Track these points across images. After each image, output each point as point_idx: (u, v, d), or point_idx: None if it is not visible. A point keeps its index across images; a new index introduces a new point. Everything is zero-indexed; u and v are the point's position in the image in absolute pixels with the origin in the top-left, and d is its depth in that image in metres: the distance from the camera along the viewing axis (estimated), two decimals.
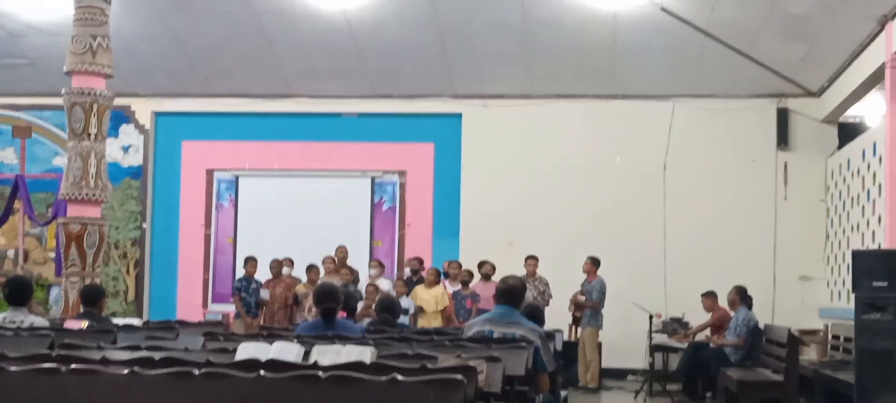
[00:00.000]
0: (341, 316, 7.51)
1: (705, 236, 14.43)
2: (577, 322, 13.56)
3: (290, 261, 13.80)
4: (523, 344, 6.10)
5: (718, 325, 12.42)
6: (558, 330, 11.50)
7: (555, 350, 8.08)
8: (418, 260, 13.95)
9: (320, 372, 4.28)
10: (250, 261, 13.75)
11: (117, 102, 11.76)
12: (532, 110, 15.00)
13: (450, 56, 14.28)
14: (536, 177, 14.94)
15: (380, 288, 12.74)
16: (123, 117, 15.62)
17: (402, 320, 10.27)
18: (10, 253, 15.86)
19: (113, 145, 14.84)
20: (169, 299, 15.69)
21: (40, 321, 7.62)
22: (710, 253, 14.24)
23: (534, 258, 13.35)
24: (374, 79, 14.99)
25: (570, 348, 13.14)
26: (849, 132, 13.93)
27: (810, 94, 14.37)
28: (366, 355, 4.97)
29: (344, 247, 13.86)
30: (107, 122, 11.04)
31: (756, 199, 14.54)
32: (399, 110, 15.41)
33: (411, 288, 13.02)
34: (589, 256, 13.30)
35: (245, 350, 5.29)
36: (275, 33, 13.95)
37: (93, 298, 8.48)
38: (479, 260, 13.51)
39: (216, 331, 7.13)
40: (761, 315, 12.50)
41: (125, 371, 4.39)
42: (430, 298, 12.75)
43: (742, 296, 12.00)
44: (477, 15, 13.33)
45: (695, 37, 13.07)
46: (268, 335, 6.82)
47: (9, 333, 6.60)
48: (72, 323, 7.76)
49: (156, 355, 4.77)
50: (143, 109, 15.89)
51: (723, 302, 12.45)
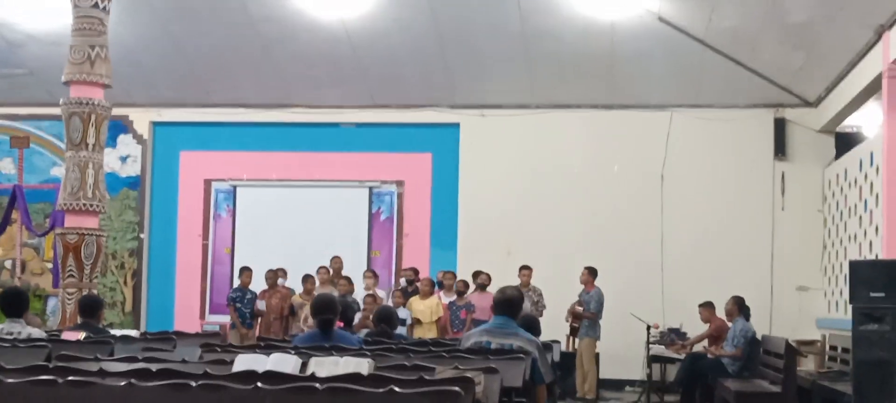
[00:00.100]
0: (338, 325, 7.50)
1: (703, 246, 14.43)
2: (574, 332, 13.54)
3: (284, 272, 13.78)
4: (521, 355, 6.10)
5: (716, 336, 12.41)
6: (556, 341, 11.51)
7: (552, 361, 8.07)
8: (413, 270, 13.93)
9: (318, 384, 4.27)
10: (245, 272, 13.72)
11: (115, 112, 11.78)
12: (530, 120, 15.01)
13: (448, 66, 14.30)
14: (534, 186, 14.95)
15: (378, 298, 12.74)
16: (121, 127, 15.63)
17: (399, 331, 10.26)
18: (7, 264, 15.84)
19: (111, 155, 14.85)
20: (166, 309, 15.68)
21: (37, 332, 7.59)
22: (708, 263, 14.24)
23: (528, 268, 13.35)
24: (373, 88, 15.00)
25: (568, 359, 13.13)
26: (846, 142, 13.93)
27: (808, 104, 14.39)
28: (363, 366, 4.96)
29: (339, 258, 13.85)
30: (105, 132, 11.06)
31: (753, 209, 14.54)
32: (397, 120, 15.43)
33: (407, 299, 13.01)
34: (586, 266, 13.29)
35: (242, 362, 5.28)
36: (273, 43, 13.96)
37: (91, 309, 8.46)
38: (474, 271, 13.51)
39: (213, 342, 7.12)
40: (759, 325, 12.50)
41: (122, 383, 4.37)
42: (426, 309, 12.74)
43: (739, 307, 12.00)
44: (475, 24, 13.35)
45: (693, 46, 13.09)
46: (265, 346, 6.82)
47: (6, 344, 6.58)
48: (69, 334, 7.74)
49: (153, 366, 4.76)
50: (141, 119, 15.90)
51: (720, 312, 12.44)
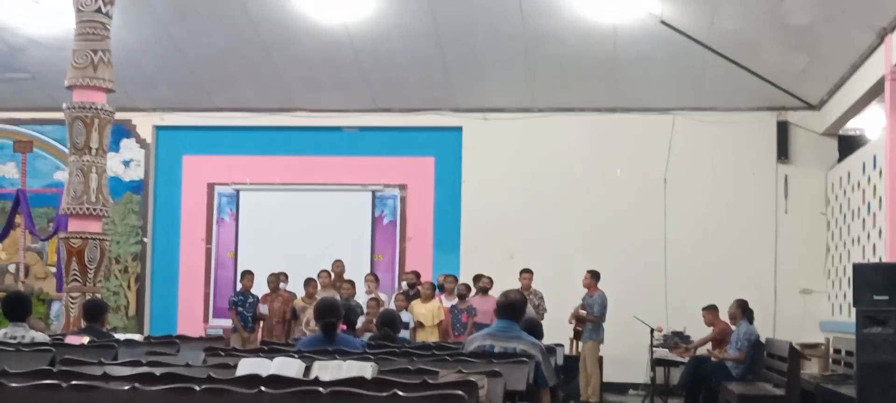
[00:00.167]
0: (341, 329, 7.50)
1: (706, 249, 14.42)
2: (578, 336, 13.54)
3: (285, 276, 13.75)
4: (524, 359, 6.09)
5: (720, 339, 12.41)
6: (559, 345, 11.49)
7: (556, 364, 8.07)
8: (415, 273, 13.93)
9: (321, 388, 4.27)
10: (247, 275, 13.72)
11: (118, 116, 11.77)
12: (532, 123, 15.02)
13: (451, 69, 14.30)
14: (537, 190, 14.95)
15: (381, 301, 12.74)
16: (124, 131, 15.64)
17: (402, 334, 10.26)
18: (11, 268, 15.86)
19: (114, 159, 14.84)
20: (170, 314, 15.69)
21: (41, 336, 7.60)
22: (711, 267, 14.23)
23: (528, 271, 13.34)
24: (375, 92, 15.00)
25: (571, 362, 13.11)
26: (849, 145, 13.92)
27: (810, 107, 14.38)
28: (367, 370, 4.96)
29: (341, 262, 13.85)
30: (108, 137, 11.04)
31: (756, 212, 14.53)
32: (400, 124, 15.44)
33: (409, 302, 13.01)
34: (589, 270, 13.29)
35: (246, 366, 5.28)
36: (276, 47, 13.97)
37: (95, 313, 8.47)
38: (475, 274, 13.51)
39: (217, 346, 7.12)
40: (762, 328, 12.49)
41: (126, 387, 4.38)
42: (427, 312, 12.74)
43: (743, 310, 12.00)
44: (477, 28, 13.35)
45: (695, 49, 13.08)
46: (268, 350, 6.82)
47: (10, 349, 6.59)
48: (73, 339, 7.75)
49: (157, 370, 4.76)
50: (144, 123, 15.92)
51: (724, 315, 12.44)
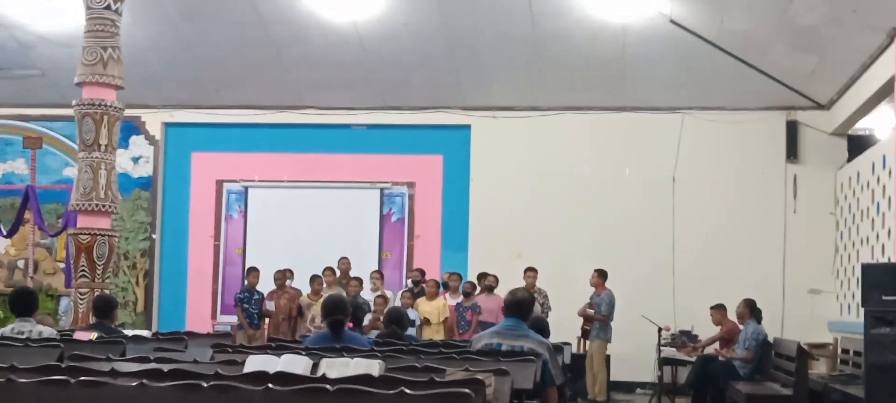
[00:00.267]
0: (348, 326, 7.51)
1: (714, 249, 14.40)
2: (585, 334, 13.52)
3: (291, 273, 13.73)
4: (532, 358, 6.09)
5: (727, 338, 12.38)
6: (567, 343, 11.48)
7: (563, 363, 8.06)
8: (420, 271, 13.94)
9: (328, 385, 4.28)
10: (252, 272, 13.71)
11: (127, 113, 11.80)
12: (541, 122, 15.01)
13: (459, 68, 14.30)
14: (545, 188, 14.94)
15: (388, 299, 12.75)
16: (134, 128, 15.68)
17: (409, 332, 10.27)
18: (20, 264, 15.92)
19: (123, 156, 14.90)
20: (178, 310, 15.72)
21: (48, 331, 7.63)
22: (719, 266, 14.21)
23: (533, 270, 13.32)
24: (384, 90, 15.01)
25: (579, 361, 13.11)
26: (858, 145, 13.89)
27: (820, 107, 14.35)
28: (374, 368, 4.97)
29: (347, 259, 13.83)
30: (117, 134, 11.08)
31: (765, 212, 14.50)
32: (408, 122, 15.44)
33: (415, 300, 13.01)
34: (596, 269, 13.27)
35: (253, 363, 5.29)
36: (285, 45, 13.98)
37: (105, 309, 8.50)
38: (480, 273, 13.51)
39: (225, 343, 7.14)
40: (770, 328, 12.46)
41: (134, 384, 4.39)
42: (433, 310, 12.77)
43: (751, 309, 11.97)
44: (486, 27, 13.35)
45: (704, 49, 13.06)
46: (276, 347, 6.83)
47: (18, 344, 6.61)
48: (81, 334, 7.77)
49: (165, 367, 4.77)
50: (153, 120, 15.95)
51: (732, 315, 12.41)
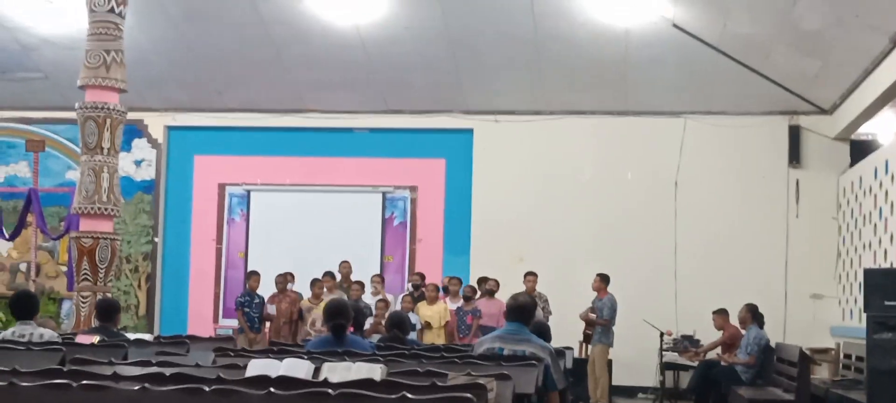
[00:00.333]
0: (349, 330, 7.51)
1: (716, 253, 14.39)
2: (587, 339, 13.52)
3: (292, 276, 13.71)
4: (533, 362, 6.09)
5: (729, 343, 12.38)
6: (568, 348, 11.47)
7: (565, 367, 8.06)
8: (420, 275, 13.94)
9: (330, 390, 4.28)
10: (253, 276, 13.68)
11: (130, 117, 11.79)
12: (543, 126, 15.01)
13: (461, 71, 14.31)
14: (547, 192, 14.94)
15: (389, 303, 12.74)
16: (136, 131, 15.69)
17: (410, 336, 10.27)
18: (22, 267, 15.93)
19: (125, 159, 14.89)
20: (180, 313, 15.73)
21: (50, 333, 7.63)
22: (721, 271, 14.20)
23: (533, 274, 13.28)
24: (386, 94, 15.02)
25: (581, 365, 13.09)
26: (861, 150, 13.88)
27: (822, 112, 14.34)
28: (376, 372, 4.98)
29: (348, 263, 13.80)
30: (120, 137, 11.07)
31: (767, 216, 14.49)
32: (410, 125, 15.44)
33: (415, 304, 13.00)
34: (598, 273, 13.25)
35: (255, 367, 5.29)
36: (287, 48, 14.00)
37: (108, 313, 8.50)
38: (480, 277, 13.51)
39: (227, 347, 7.15)
40: (772, 333, 12.46)
41: (136, 387, 4.40)
42: (434, 314, 12.74)
43: (753, 314, 11.97)
44: (489, 30, 13.35)
45: (707, 53, 13.06)
46: (278, 351, 6.83)
47: (20, 348, 6.62)
48: (83, 338, 7.77)
49: (166, 371, 4.79)
50: (155, 123, 15.96)
51: (734, 319, 12.41)
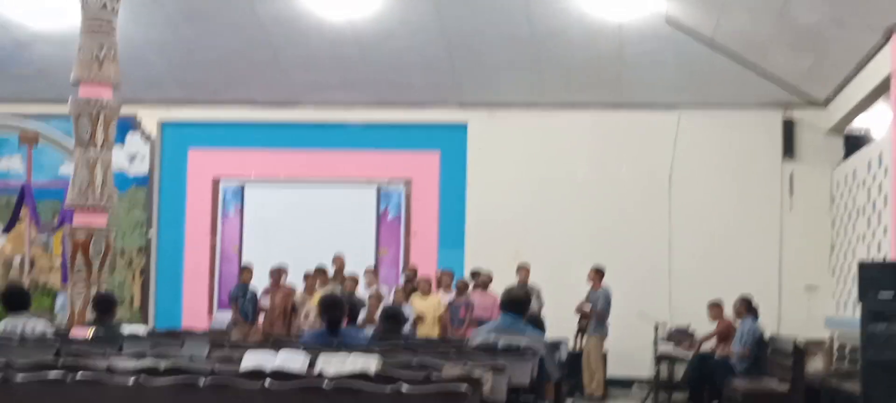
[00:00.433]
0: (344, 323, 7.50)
1: (711, 246, 14.40)
2: (582, 331, 13.53)
3: (286, 270, 13.71)
4: (528, 354, 6.09)
5: (724, 335, 12.39)
6: (563, 340, 11.48)
7: (560, 359, 8.07)
8: (412, 269, 13.94)
9: (325, 382, 4.29)
10: (245, 270, 13.78)
11: (124, 111, 11.76)
12: (538, 119, 15.00)
13: (456, 65, 14.29)
14: (542, 186, 14.93)
15: (382, 296, 12.74)
16: (130, 125, 15.64)
17: (405, 329, 10.26)
18: (16, 261, 15.89)
19: (119, 153, 14.85)
20: (174, 307, 15.71)
21: (42, 323, 7.60)
22: (716, 263, 14.20)
23: (525, 266, 13.30)
24: (381, 88, 14.99)
25: (576, 357, 13.10)
26: (855, 143, 13.87)
27: (816, 105, 14.34)
28: (371, 364, 4.97)
29: (341, 257, 13.79)
30: (113, 131, 11.05)
31: (762, 210, 14.51)
32: (405, 119, 15.41)
33: (408, 297, 12.99)
34: (593, 266, 13.27)
35: (250, 360, 5.28)
36: (282, 42, 13.98)
37: (105, 307, 8.50)
38: (473, 270, 13.52)
39: (221, 340, 7.14)
40: (767, 325, 12.49)
41: (130, 381, 4.40)
42: (428, 307, 12.74)
43: (748, 306, 11.98)
44: (484, 24, 13.34)
45: (700, 48, 13.08)
46: (273, 343, 6.82)
47: (14, 342, 6.61)
48: (78, 331, 7.76)
49: (161, 364, 4.78)
50: (149, 118, 15.92)
51: (729, 311, 12.43)
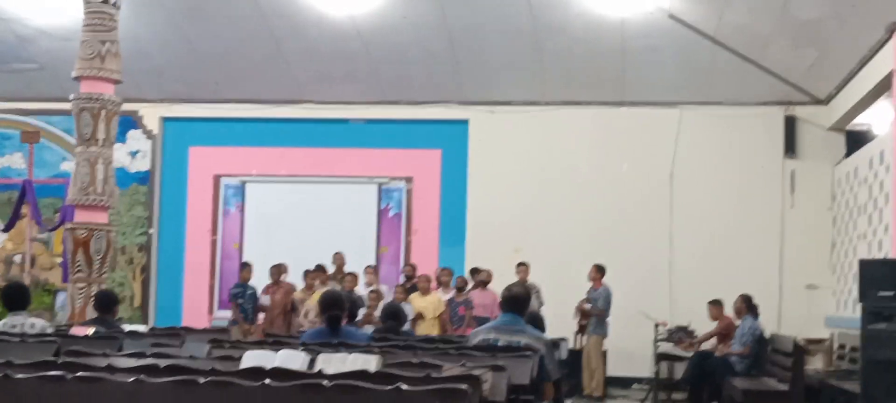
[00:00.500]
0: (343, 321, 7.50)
1: (712, 244, 14.40)
2: (582, 330, 13.53)
3: (285, 267, 13.70)
4: (528, 353, 6.09)
5: (724, 334, 12.39)
6: (563, 339, 11.49)
7: (560, 358, 8.08)
8: (411, 266, 13.94)
9: (325, 381, 4.28)
10: (245, 268, 13.77)
11: (125, 107, 11.78)
12: (539, 117, 14.98)
13: (458, 62, 14.28)
14: (543, 183, 14.92)
15: (381, 294, 12.74)
16: (131, 122, 15.63)
17: (404, 327, 10.26)
18: (17, 258, 15.89)
19: (120, 150, 14.87)
20: (175, 305, 15.70)
21: (41, 323, 7.61)
22: (717, 262, 14.20)
23: (524, 264, 13.28)
24: (383, 84, 14.98)
25: (576, 356, 13.11)
26: (856, 140, 13.88)
27: (818, 102, 14.34)
28: (371, 363, 4.97)
29: (341, 254, 13.79)
30: (115, 128, 11.07)
31: (763, 207, 14.50)
32: (406, 116, 15.40)
33: (407, 295, 12.99)
34: (594, 264, 13.26)
35: (250, 358, 5.29)
36: (284, 39, 13.96)
37: (107, 305, 8.50)
38: (472, 268, 13.52)
39: (222, 338, 7.14)
40: (767, 323, 12.49)
41: (130, 379, 4.40)
42: (428, 305, 12.73)
43: (748, 305, 11.98)
44: (486, 21, 13.33)
45: (703, 44, 13.06)
46: (273, 342, 6.83)
47: (14, 339, 6.61)
48: (78, 330, 7.77)
49: (161, 363, 4.78)
50: (150, 114, 15.91)
51: (729, 310, 12.42)
